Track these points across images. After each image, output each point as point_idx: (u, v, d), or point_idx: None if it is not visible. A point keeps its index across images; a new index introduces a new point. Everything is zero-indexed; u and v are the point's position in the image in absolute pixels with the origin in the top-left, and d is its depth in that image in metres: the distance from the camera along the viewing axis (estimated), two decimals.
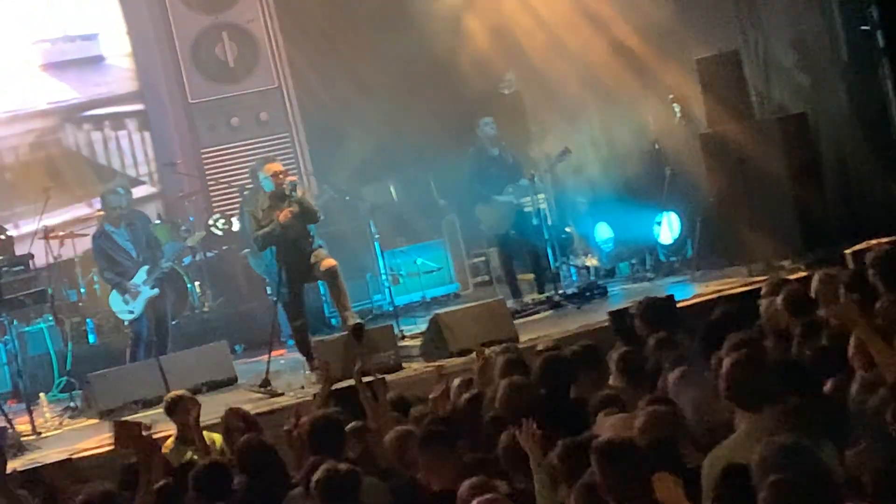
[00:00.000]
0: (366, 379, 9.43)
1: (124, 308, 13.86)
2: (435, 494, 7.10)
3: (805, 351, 7.77)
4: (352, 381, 9.73)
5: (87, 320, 15.16)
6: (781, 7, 14.16)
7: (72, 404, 13.35)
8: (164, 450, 9.54)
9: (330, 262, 12.66)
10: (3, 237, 15.50)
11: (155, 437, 10.28)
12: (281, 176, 12.70)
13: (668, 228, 15.31)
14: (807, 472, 5.20)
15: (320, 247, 12.88)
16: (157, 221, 16.14)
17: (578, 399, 8.15)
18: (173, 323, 14.84)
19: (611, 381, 8.45)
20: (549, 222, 15.25)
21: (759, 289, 9.86)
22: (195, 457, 9.00)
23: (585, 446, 6.32)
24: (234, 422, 9.19)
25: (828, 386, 6.94)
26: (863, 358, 7.08)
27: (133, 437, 7.61)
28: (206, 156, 17.62)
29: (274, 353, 12.79)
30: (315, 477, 6.88)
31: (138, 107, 17.86)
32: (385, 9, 17.09)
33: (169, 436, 9.89)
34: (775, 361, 7.04)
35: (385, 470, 7.69)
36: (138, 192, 16.83)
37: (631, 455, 6.02)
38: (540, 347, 9.82)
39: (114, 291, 13.88)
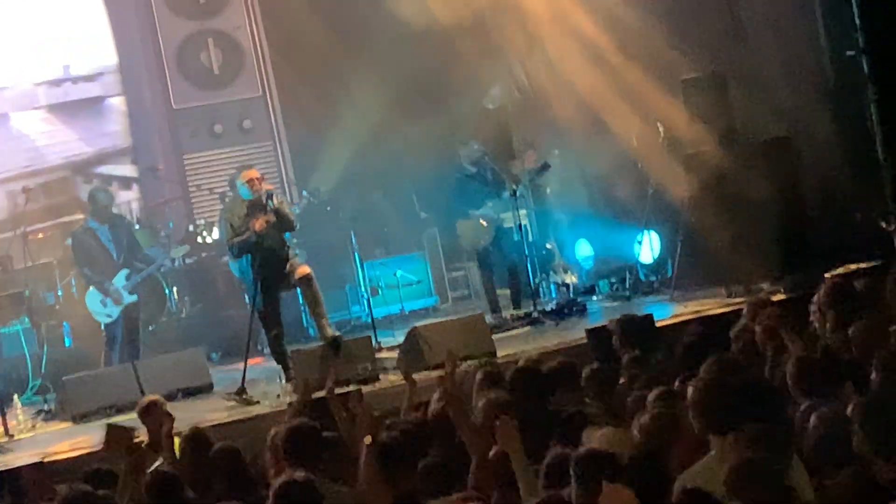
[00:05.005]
0: (342, 390, 9.37)
1: (102, 310, 13.78)
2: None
3: (778, 373, 7.76)
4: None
5: (64, 323, 15.06)
6: (768, 30, 14.18)
7: (45, 407, 13.29)
8: None
9: (304, 269, 12.64)
10: None
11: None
12: (256, 182, 12.66)
13: (648, 247, 15.30)
14: (770, 494, 5.19)
15: (296, 255, 12.86)
16: (137, 227, 16.06)
17: (554, 412, 8.10)
18: (150, 329, 14.77)
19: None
20: (530, 238, 15.25)
21: (738, 310, 9.85)
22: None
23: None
24: None
25: (799, 409, 6.93)
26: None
27: (123, 443, 7.54)
28: (188, 162, 17.57)
29: (250, 362, 12.71)
30: (273, 488, 6.79)
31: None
32: (372, 19, 17.06)
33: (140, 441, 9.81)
34: (745, 384, 7.00)
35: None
36: None
37: (612, 468, 5.97)
38: (521, 363, 9.77)
39: (90, 291, 13.77)
